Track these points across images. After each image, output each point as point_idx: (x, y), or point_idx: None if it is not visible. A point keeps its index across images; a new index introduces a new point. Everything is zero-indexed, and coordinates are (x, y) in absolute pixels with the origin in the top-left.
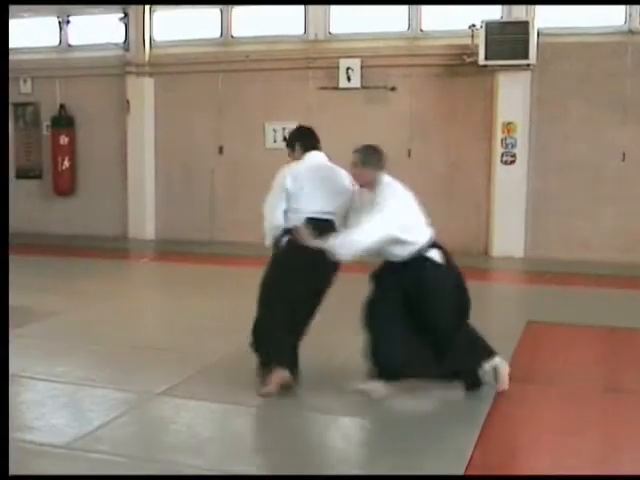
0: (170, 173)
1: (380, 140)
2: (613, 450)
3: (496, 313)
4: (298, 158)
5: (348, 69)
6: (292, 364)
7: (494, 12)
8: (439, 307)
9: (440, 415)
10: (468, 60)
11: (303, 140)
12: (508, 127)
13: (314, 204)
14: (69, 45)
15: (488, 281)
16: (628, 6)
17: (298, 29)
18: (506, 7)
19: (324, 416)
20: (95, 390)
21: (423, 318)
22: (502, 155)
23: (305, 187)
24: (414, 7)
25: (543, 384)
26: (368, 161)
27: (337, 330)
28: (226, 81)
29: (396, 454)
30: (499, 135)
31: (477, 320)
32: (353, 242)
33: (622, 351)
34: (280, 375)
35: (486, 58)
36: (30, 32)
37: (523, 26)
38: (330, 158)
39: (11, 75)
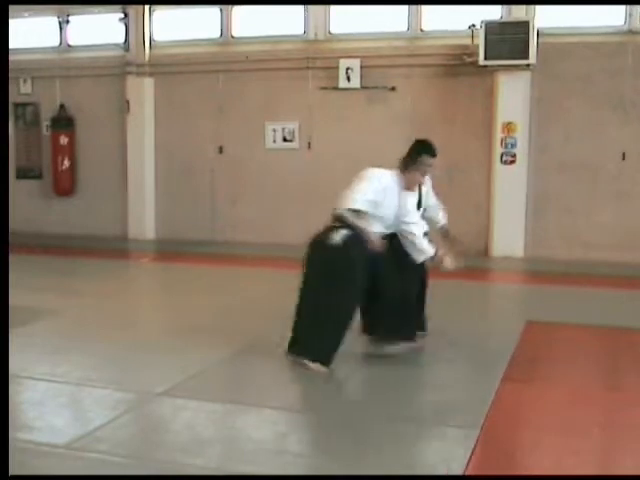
0: (170, 173)
1: (380, 140)
2: (613, 450)
3: (496, 313)
4: None
5: (348, 69)
6: None
7: (494, 12)
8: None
9: (440, 415)
10: (468, 60)
11: None
12: (508, 127)
13: None
14: (69, 45)
15: (488, 281)
16: (628, 6)
17: (298, 29)
18: (506, 7)
19: (323, 415)
20: (95, 390)
21: None
22: (502, 155)
23: None
24: (414, 7)
25: (543, 384)
26: None
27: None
28: (226, 81)
29: (395, 454)
30: (499, 135)
31: (477, 319)
32: None
33: (622, 351)
34: None
35: (486, 58)
36: (30, 32)
37: (523, 26)
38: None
39: (11, 75)
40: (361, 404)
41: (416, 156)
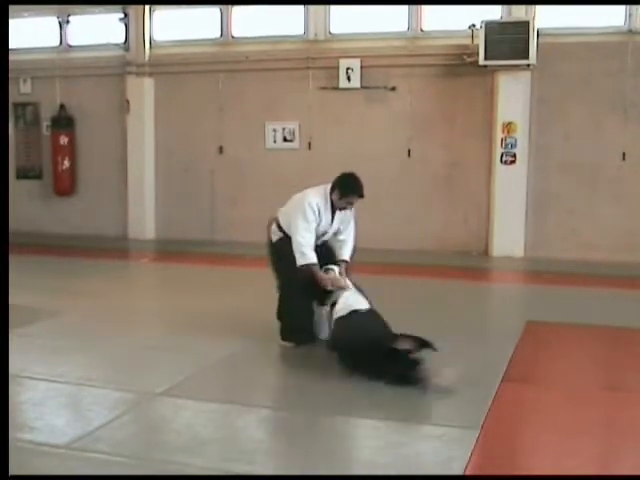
0: (170, 173)
1: (380, 140)
2: (613, 450)
3: (496, 313)
4: None
5: (348, 69)
6: None
7: (494, 12)
8: None
9: (440, 415)
10: (468, 60)
11: None
12: (508, 127)
13: None
14: (69, 45)
15: (488, 281)
16: (628, 6)
17: (298, 29)
18: (506, 7)
19: (324, 416)
20: (95, 390)
21: None
22: (502, 155)
23: None
24: (414, 7)
25: (543, 384)
26: None
27: None
28: (226, 81)
29: (397, 454)
30: (499, 135)
31: (477, 320)
32: None
33: (622, 351)
34: None
35: (486, 58)
36: (30, 32)
37: (523, 26)
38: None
39: (11, 75)
40: (360, 404)
41: (349, 193)
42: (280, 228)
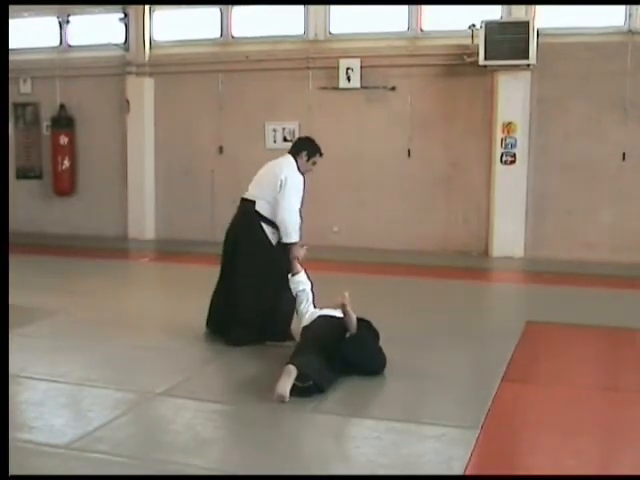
0: (170, 173)
1: (380, 140)
2: (613, 450)
3: (496, 313)
4: None
5: (348, 69)
6: None
7: (494, 12)
8: None
9: (440, 415)
10: (468, 60)
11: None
12: (508, 127)
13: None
14: (69, 45)
15: (488, 281)
16: (628, 6)
17: (298, 29)
18: (506, 7)
19: (324, 416)
20: (95, 390)
21: None
22: (502, 155)
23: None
24: (414, 7)
25: (543, 384)
26: None
27: None
28: (226, 81)
29: (397, 454)
30: (499, 135)
31: (477, 320)
32: None
33: (622, 351)
34: None
35: (486, 58)
36: (30, 32)
37: (523, 26)
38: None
39: (11, 75)
40: (361, 405)
41: (316, 152)
42: (267, 221)
